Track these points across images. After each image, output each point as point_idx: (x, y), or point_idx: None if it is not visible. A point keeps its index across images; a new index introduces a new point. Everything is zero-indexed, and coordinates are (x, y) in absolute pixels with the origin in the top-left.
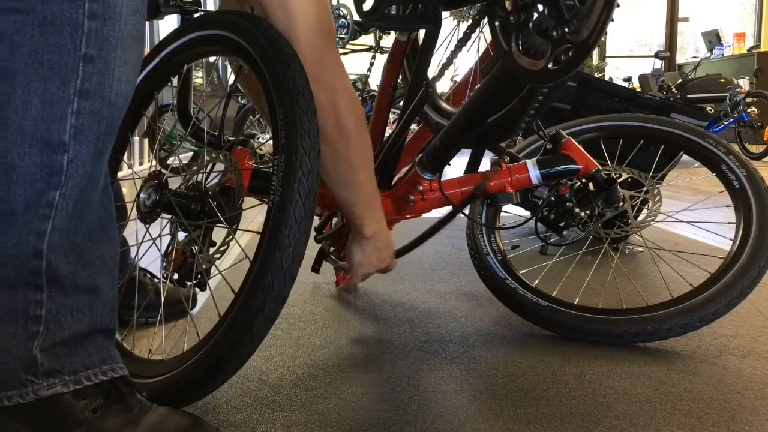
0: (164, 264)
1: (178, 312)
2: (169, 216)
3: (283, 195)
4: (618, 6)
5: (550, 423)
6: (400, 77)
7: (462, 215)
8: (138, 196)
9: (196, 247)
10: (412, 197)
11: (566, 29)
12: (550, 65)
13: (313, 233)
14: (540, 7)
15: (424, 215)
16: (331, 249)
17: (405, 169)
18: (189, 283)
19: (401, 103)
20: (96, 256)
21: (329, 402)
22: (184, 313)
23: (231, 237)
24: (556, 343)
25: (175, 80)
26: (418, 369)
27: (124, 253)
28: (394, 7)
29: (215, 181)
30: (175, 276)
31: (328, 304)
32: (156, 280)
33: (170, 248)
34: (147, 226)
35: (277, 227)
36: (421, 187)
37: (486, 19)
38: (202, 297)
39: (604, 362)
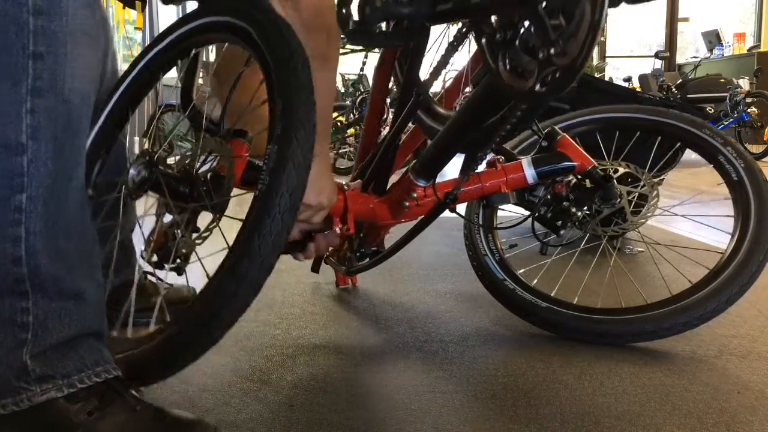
0: (146, 245)
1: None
2: (157, 195)
3: (270, 184)
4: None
5: (550, 423)
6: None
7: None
8: (127, 171)
9: (179, 230)
10: (407, 203)
11: (552, 50)
12: (537, 87)
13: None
14: (526, 24)
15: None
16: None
17: (401, 170)
18: (167, 266)
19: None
20: (79, 259)
21: (329, 402)
22: None
23: (215, 224)
24: (556, 343)
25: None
26: (418, 369)
27: (128, 252)
28: (378, 24)
29: (207, 167)
30: (154, 258)
31: (328, 304)
32: (159, 281)
33: (154, 229)
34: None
35: (260, 215)
36: (415, 194)
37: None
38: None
39: (604, 362)
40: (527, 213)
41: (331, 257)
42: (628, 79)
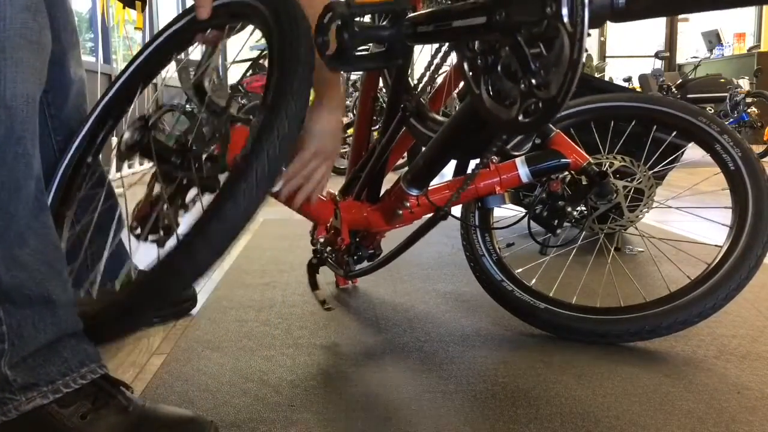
0: (132, 214)
1: (178, 312)
2: (147, 161)
3: (252, 150)
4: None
5: (550, 423)
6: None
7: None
8: (122, 134)
9: (166, 203)
10: (401, 212)
11: (533, 81)
12: (520, 117)
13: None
14: (507, 50)
15: None
16: (328, 249)
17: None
18: (151, 237)
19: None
20: (39, 264)
21: (329, 402)
22: (184, 313)
23: (200, 200)
24: (556, 344)
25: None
26: (418, 369)
27: (121, 256)
28: (359, 49)
29: (204, 142)
30: (137, 230)
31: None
32: None
33: (141, 199)
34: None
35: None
36: (408, 204)
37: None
38: (202, 296)
39: (604, 362)
40: (524, 212)
41: (329, 260)
42: (628, 79)
